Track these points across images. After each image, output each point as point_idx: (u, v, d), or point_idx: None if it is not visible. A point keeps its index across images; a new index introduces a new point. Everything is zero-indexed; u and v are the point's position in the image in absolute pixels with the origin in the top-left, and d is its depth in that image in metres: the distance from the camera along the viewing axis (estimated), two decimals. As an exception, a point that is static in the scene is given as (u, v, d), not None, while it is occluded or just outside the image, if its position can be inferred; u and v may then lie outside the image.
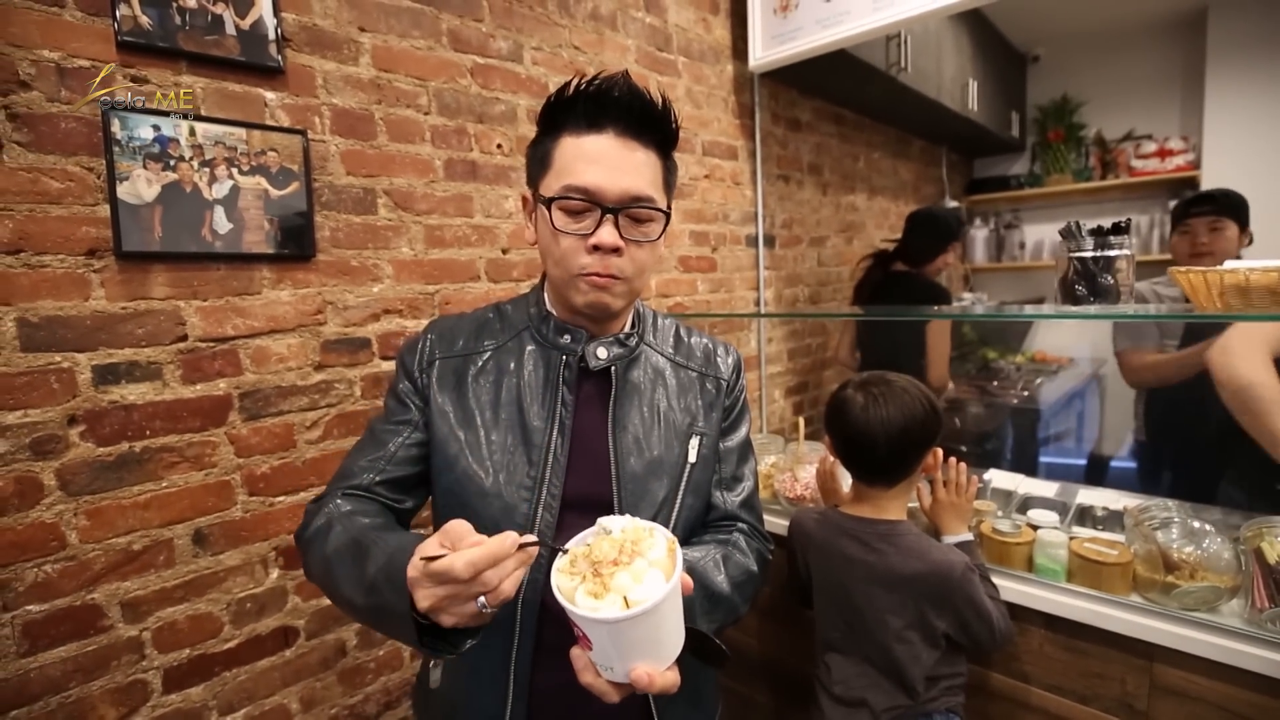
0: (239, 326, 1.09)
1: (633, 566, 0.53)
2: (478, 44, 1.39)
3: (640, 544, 0.55)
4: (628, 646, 0.53)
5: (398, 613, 0.55)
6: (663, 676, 0.56)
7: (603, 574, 0.52)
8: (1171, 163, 3.31)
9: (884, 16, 1.75)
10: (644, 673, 0.55)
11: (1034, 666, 1.20)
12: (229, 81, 1.05)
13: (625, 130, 0.72)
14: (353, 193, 1.21)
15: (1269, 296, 0.97)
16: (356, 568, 0.63)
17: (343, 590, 0.65)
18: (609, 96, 0.71)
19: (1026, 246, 3.94)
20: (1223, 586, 1.02)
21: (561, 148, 0.73)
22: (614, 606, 0.51)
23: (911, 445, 1.03)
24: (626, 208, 0.72)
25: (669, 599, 0.52)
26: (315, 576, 0.72)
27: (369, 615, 0.63)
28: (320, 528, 0.71)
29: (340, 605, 0.69)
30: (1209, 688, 1.01)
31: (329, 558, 0.67)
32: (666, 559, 0.55)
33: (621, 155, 0.72)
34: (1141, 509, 1.17)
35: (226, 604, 1.10)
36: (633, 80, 0.72)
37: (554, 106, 0.74)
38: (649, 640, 0.54)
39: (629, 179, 0.71)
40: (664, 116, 0.74)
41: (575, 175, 0.70)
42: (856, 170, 2.98)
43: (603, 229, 0.71)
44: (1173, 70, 3.37)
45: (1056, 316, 1.24)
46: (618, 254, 0.72)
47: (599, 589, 0.52)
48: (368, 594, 0.60)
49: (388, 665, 1.33)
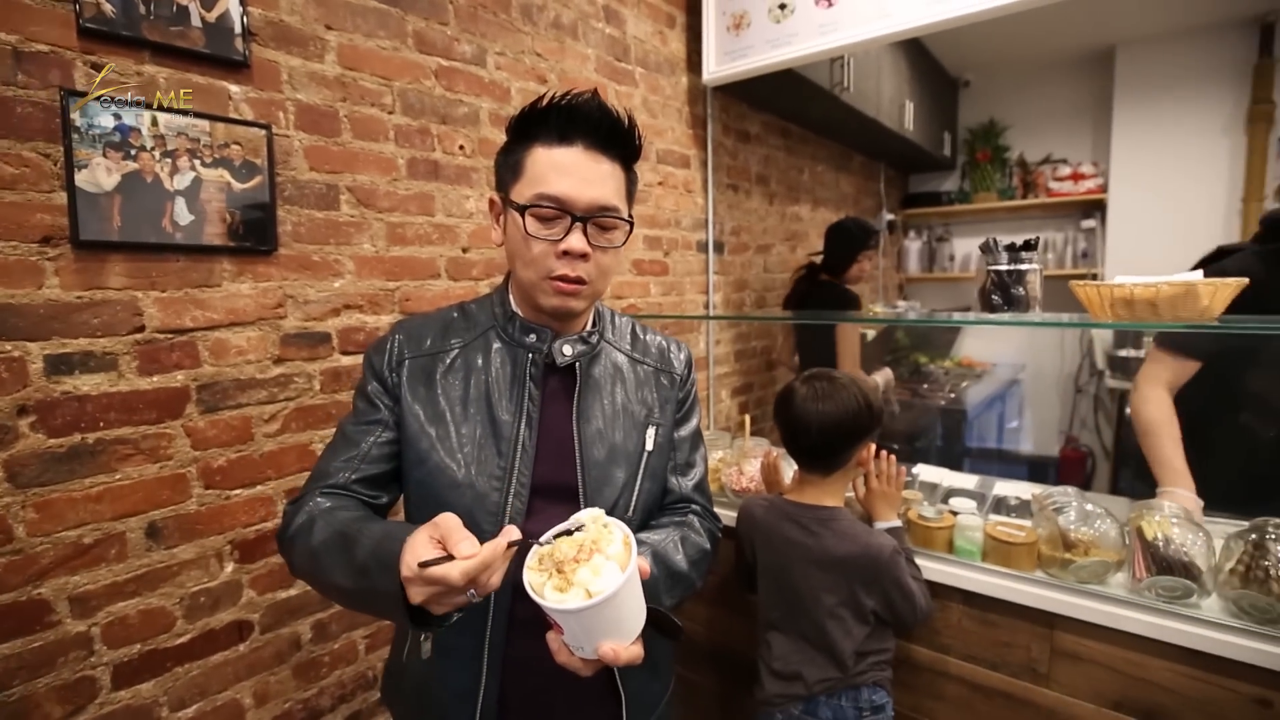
0: (198, 318, 1.09)
1: (591, 562, 0.60)
2: (442, 47, 1.42)
3: (599, 541, 0.62)
4: (593, 629, 0.61)
5: (387, 593, 0.61)
6: (627, 650, 0.64)
7: (565, 570, 0.60)
8: (1083, 185, 3.62)
9: (829, 40, 1.87)
10: (609, 649, 0.62)
11: (952, 639, 1.32)
12: (193, 73, 1.05)
13: (593, 144, 0.77)
14: (316, 188, 1.22)
15: (1149, 309, 1.12)
16: (345, 555, 0.67)
17: (332, 577, 0.69)
18: (580, 112, 0.76)
19: (956, 258, 4.21)
20: (1110, 561, 1.16)
21: (533, 157, 0.77)
22: (578, 598, 0.58)
23: (844, 436, 1.12)
24: (594, 216, 0.77)
25: (625, 587, 0.59)
26: (302, 569, 0.76)
27: (358, 598, 0.68)
28: (303, 524, 0.74)
29: (328, 591, 0.73)
30: (1099, 650, 1.16)
31: (316, 550, 0.71)
32: (623, 552, 0.62)
33: (590, 167, 0.77)
34: (1045, 495, 1.31)
35: (180, 598, 1.10)
36: (602, 98, 0.77)
37: (527, 118, 0.78)
38: (611, 622, 0.61)
39: (596, 189, 0.77)
40: (629, 133, 0.79)
41: (547, 184, 0.75)
42: (801, 182, 3.12)
43: (572, 236, 0.76)
44: (1085, 101, 3.69)
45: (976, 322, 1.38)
46: (585, 259, 0.77)
47: (563, 584, 0.59)
48: (358, 578, 0.65)
49: (342, 659, 1.34)
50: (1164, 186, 3.31)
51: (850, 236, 2.42)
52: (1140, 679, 1.12)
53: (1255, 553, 1.06)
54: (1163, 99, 3.30)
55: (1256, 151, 3.06)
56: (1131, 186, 3.43)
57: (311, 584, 0.76)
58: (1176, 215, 3.28)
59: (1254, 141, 3.07)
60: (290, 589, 1.24)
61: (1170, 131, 3.29)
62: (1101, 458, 3.57)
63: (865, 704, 1.13)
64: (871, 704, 1.14)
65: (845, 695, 1.13)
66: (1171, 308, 1.08)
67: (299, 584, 1.25)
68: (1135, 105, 3.39)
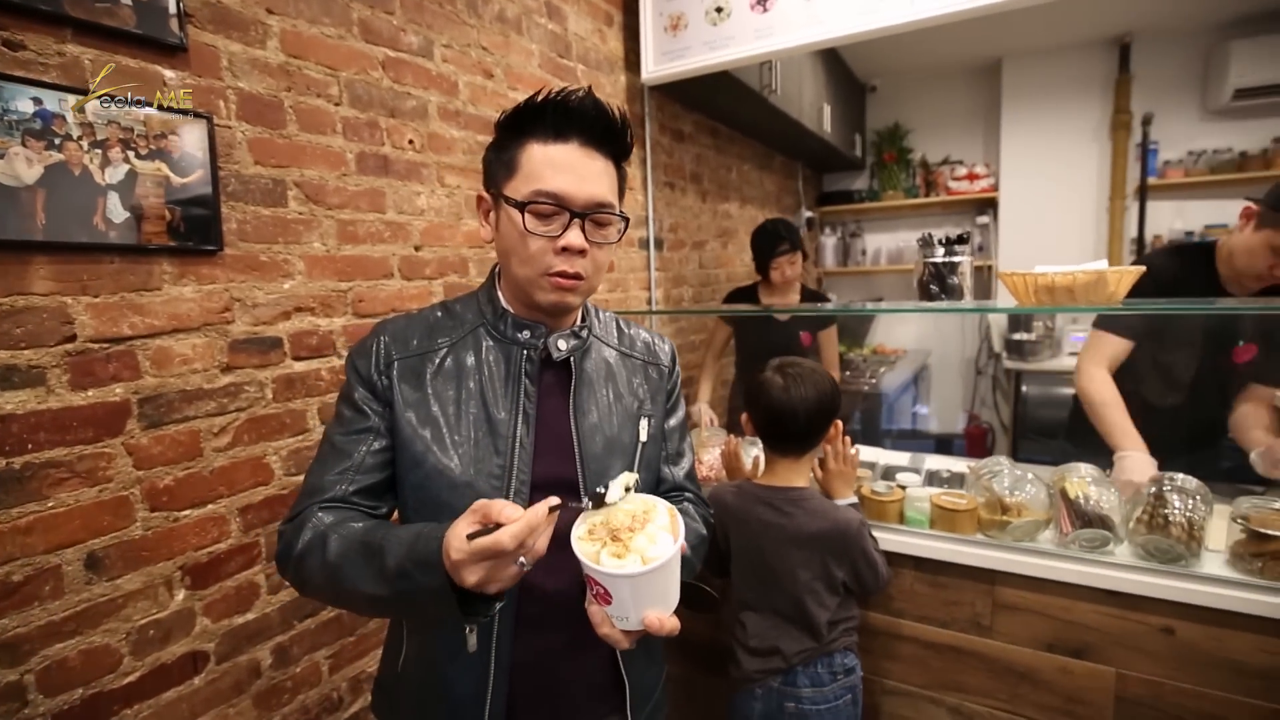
0: (137, 325, 0.99)
1: (646, 530, 0.62)
2: (389, 36, 1.36)
3: (650, 513, 0.65)
4: (643, 597, 0.62)
5: (432, 589, 0.60)
6: (671, 621, 0.66)
7: (622, 538, 0.62)
8: (978, 184, 3.97)
9: (765, 45, 1.95)
10: (655, 617, 0.64)
11: (906, 603, 1.43)
12: (123, 55, 0.95)
13: (588, 141, 0.77)
14: (261, 183, 1.14)
15: (1066, 294, 1.26)
16: (373, 564, 0.66)
17: (360, 588, 0.67)
18: (576, 109, 0.76)
19: (868, 253, 4.49)
20: (1040, 520, 1.30)
21: (528, 154, 0.77)
22: (635, 564, 0.60)
23: (824, 415, 1.19)
24: (591, 213, 0.77)
25: (676, 557, 0.62)
26: (317, 586, 0.73)
27: (394, 602, 0.67)
28: (312, 541, 0.71)
29: (353, 603, 0.71)
30: (1034, 599, 1.29)
31: (334, 564, 0.68)
32: (671, 523, 0.64)
33: (585, 164, 0.77)
34: (981, 465, 1.45)
35: (126, 633, 1.00)
36: (596, 96, 0.77)
37: (521, 114, 0.78)
38: (660, 591, 0.63)
39: (592, 186, 0.77)
40: (621, 130, 0.80)
41: (545, 181, 0.75)
42: (730, 180, 3.23)
43: (570, 232, 0.76)
44: (978, 107, 4.04)
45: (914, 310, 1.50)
46: (583, 255, 0.78)
47: (621, 550, 0.61)
48: (396, 582, 0.64)
49: (305, 682, 1.26)
50: (1046, 186, 3.70)
51: (762, 240, 2.36)
52: (1069, 621, 1.27)
53: (1156, 503, 1.23)
54: (1043, 107, 3.68)
55: (1119, 156, 3.49)
56: (1019, 185, 3.81)
57: (330, 600, 0.73)
58: (1057, 211, 3.68)
59: (1116, 147, 3.49)
60: (248, 613, 1.16)
61: (1050, 136, 3.67)
62: (1000, 432, 3.94)
63: (839, 668, 1.21)
64: (844, 667, 1.21)
65: (821, 663, 1.20)
66: (1085, 293, 1.23)
67: (257, 607, 1.17)
68: (1020, 112, 3.76)
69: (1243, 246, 1.41)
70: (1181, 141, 3.43)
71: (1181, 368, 1.59)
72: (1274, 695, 1.13)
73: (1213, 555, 1.21)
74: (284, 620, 1.22)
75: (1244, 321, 1.55)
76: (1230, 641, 1.15)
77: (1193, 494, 1.21)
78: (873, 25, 1.78)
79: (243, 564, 1.15)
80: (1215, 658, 1.16)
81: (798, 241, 2.35)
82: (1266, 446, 1.40)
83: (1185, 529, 1.19)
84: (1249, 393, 1.56)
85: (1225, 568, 1.18)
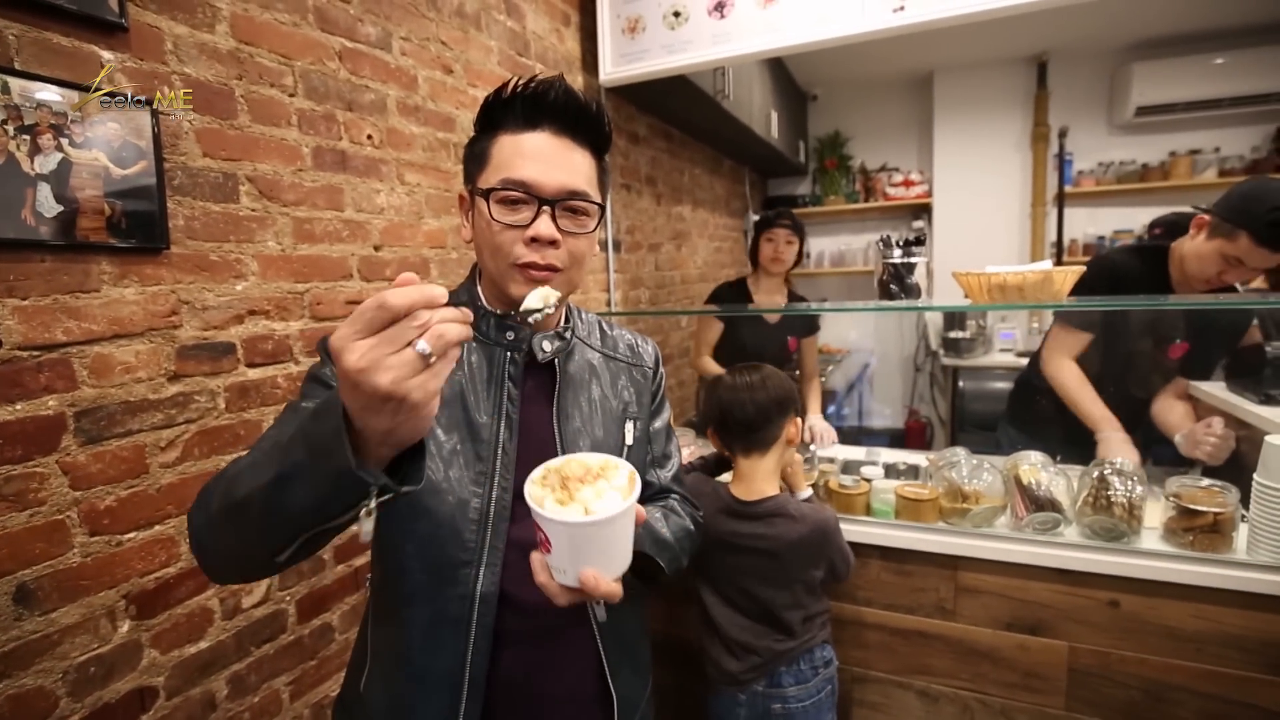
0: (72, 331, 0.90)
1: (596, 485, 0.61)
2: (345, 26, 1.30)
3: (607, 470, 0.64)
4: (582, 552, 0.60)
5: (324, 434, 0.49)
6: (607, 584, 0.62)
7: (570, 487, 0.61)
8: (914, 190, 4.17)
9: (722, 50, 1.98)
10: (592, 575, 0.61)
11: (874, 592, 1.48)
12: (54, 32, 0.86)
13: (561, 130, 0.75)
14: (211, 177, 1.06)
15: (1016, 292, 1.33)
16: (267, 455, 0.56)
17: (253, 479, 0.55)
18: (545, 97, 0.74)
19: (812, 256, 4.63)
20: (998, 506, 1.37)
21: (499, 145, 0.75)
22: (575, 513, 0.59)
23: (777, 407, 1.20)
24: (563, 200, 0.74)
25: (622, 517, 0.60)
26: (214, 513, 0.60)
27: (285, 479, 0.53)
28: (217, 476, 0.63)
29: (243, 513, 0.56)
30: (993, 582, 1.36)
31: (232, 476, 0.59)
32: (627, 486, 0.63)
33: (557, 152, 0.75)
34: (940, 456, 1.51)
35: (63, 673, 0.90)
36: (568, 84, 0.75)
37: (492, 106, 0.75)
38: (600, 550, 0.61)
39: (564, 173, 0.74)
40: (598, 118, 0.77)
41: (513, 169, 0.73)
42: (683, 184, 3.26)
43: (540, 221, 0.73)
44: (912, 117, 4.25)
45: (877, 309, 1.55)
46: (555, 246, 0.74)
47: (565, 498, 0.60)
48: (284, 456, 0.53)
49: (265, 712, 1.18)
50: (975, 192, 3.93)
51: (760, 219, 2.38)
52: (1025, 600, 1.34)
53: (1100, 485, 1.32)
54: (971, 118, 3.91)
55: (1039, 165, 3.74)
56: (951, 192, 4.03)
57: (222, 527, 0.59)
58: (986, 216, 3.91)
59: (1037, 157, 3.75)
60: (200, 642, 1.07)
61: (978, 146, 3.90)
62: (938, 426, 4.14)
63: (819, 661, 1.23)
64: (823, 660, 1.24)
65: (803, 659, 1.21)
66: (1034, 290, 1.31)
67: (210, 635, 1.08)
68: (951, 123, 3.98)
69: (1194, 253, 1.53)
70: (1093, 153, 3.71)
71: (1127, 363, 1.72)
72: (1205, 657, 1.23)
73: (1150, 532, 1.30)
74: (240, 647, 1.13)
75: (1181, 322, 1.68)
76: (1166, 610, 1.25)
77: (1131, 476, 1.30)
78: (824, 35, 1.83)
79: (194, 589, 1.06)
80: (1154, 626, 1.26)
81: (800, 226, 2.26)
82: (1188, 429, 1.53)
83: (1126, 509, 1.28)
84: (1168, 384, 1.70)
85: (1161, 542, 1.28)
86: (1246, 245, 1.40)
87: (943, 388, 4.03)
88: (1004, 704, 1.38)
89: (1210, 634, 1.22)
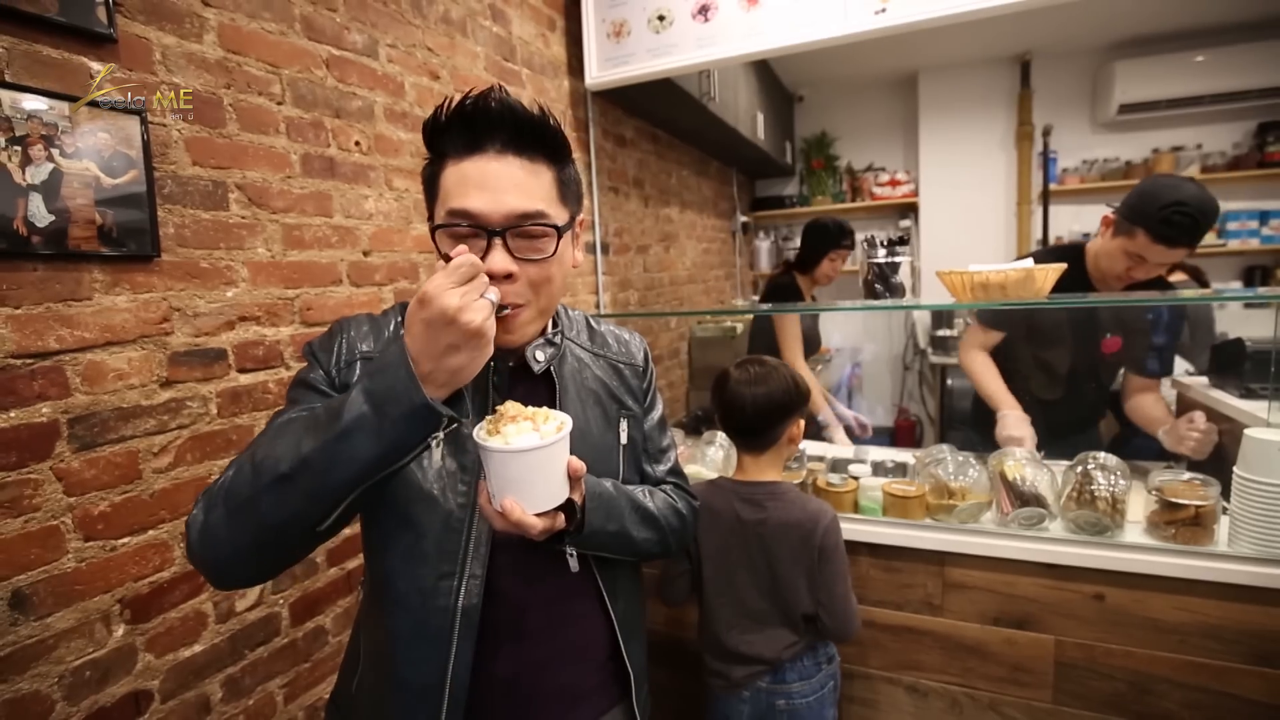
0: (65, 339, 0.91)
1: (519, 424, 0.66)
2: (332, 34, 1.31)
3: (538, 417, 0.68)
4: (504, 481, 0.66)
5: (393, 383, 0.58)
6: (524, 514, 0.66)
7: (500, 425, 0.66)
8: (900, 190, 4.20)
9: (706, 53, 2.00)
10: (510, 502, 0.65)
11: (863, 589, 1.49)
12: (43, 45, 0.87)
13: (505, 147, 0.69)
14: (200, 185, 1.07)
15: (999, 290, 1.36)
16: (307, 428, 0.61)
17: (297, 449, 0.60)
18: (481, 116, 0.69)
19: (801, 256, 4.66)
20: (983, 502, 1.40)
21: (446, 173, 0.71)
22: (497, 442, 0.65)
23: (779, 410, 1.22)
24: (514, 227, 0.69)
25: (534, 454, 0.65)
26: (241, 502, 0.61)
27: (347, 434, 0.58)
28: (225, 474, 0.64)
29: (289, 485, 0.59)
30: (980, 577, 1.38)
31: (260, 460, 0.61)
32: (553, 433, 0.67)
33: (503, 173, 0.69)
34: (926, 454, 1.54)
35: (58, 677, 0.91)
36: (507, 94, 0.69)
37: (431, 132, 0.71)
38: (518, 479, 0.66)
39: (512, 197, 0.69)
40: (543, 127, 0.71)
41: (457, 199, 0.69)
42: (670, 185, 3.28)
43: (493, 255, 0.68)
44: (897, 117, 4.29)
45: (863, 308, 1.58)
46: (510, 280, 0.70)
47: (494, 430, 0.66)
48: (335, 419, 0.59)
49: (259, 715, 1.18)
50: (961, 191, 3.96)
51: (823, 233, 2.40)
52: (1012, 595, 1.36)
53: (1083, 480, 1.34)
54: (956, 118, 3.95)
55: (1024, 164, 3.79)
56: (937, 191, 4.06)
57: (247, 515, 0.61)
58: (972, 215, 3.95)
59: (1021, 156, 3.79)
60: (195, 645, 1.08)
61: (963, 145, 3.94)
62: (928, 424, 4.17)
63: (823, 656, 1.24)
64: (827, 655, 1.25)
65: (807, 656, 1.22)
66: (1016, 288, 1.33)
67: (205, 638, 1.09)
68: (936, 122, 4.02)
69: (1104, 251, 1.58)
70: (1077, 151, 3.76)
71: (1058, 362, 1.76)
72: (1187, 648, 1.25)
73: (1133, 525, 1.33)
74: (234, 650, 1.14)
75: (1108, 317, 1.73)
76: (1150, 602, 1.27)
77: (1114, 470, 1.33)
78: (807, 38, 1.86)
79: (188, 592, 1.07)
80: (1138, 618, 1.28)
81: (854, 244, 2.36)
82: (1170, 424, 1.56)
83: (1109, 503, 1.30)
84: (1132, 383, 1.73)
85: (1144, 536, 1.30)
86: (1144, 242, 1.44)
87: (932, 386, 4.06)
88: (992, 698, 1.40)
89: (1192, 625, 1.24)
